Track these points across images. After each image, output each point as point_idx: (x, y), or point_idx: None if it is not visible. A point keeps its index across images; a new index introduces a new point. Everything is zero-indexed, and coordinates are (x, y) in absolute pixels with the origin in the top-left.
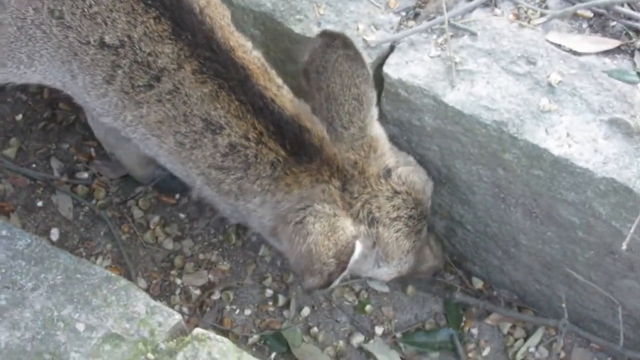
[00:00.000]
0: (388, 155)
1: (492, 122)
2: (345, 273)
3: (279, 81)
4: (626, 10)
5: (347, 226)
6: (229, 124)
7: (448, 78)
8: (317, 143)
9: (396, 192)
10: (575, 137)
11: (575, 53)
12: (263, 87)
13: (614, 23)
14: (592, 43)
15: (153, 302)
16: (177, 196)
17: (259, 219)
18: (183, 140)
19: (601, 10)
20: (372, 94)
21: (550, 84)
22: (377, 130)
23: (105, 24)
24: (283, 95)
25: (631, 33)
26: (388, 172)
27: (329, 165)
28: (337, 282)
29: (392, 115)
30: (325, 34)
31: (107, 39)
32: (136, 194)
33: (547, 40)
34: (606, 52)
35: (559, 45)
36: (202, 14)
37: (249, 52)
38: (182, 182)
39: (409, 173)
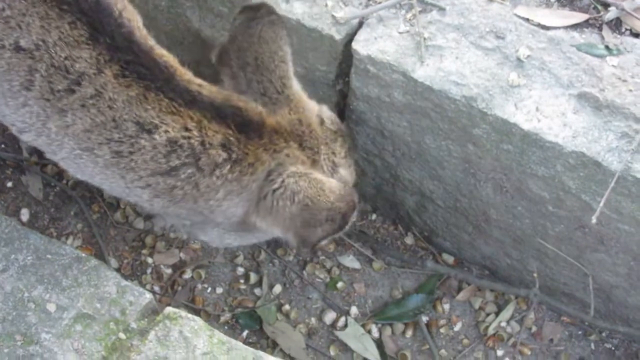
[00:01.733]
0: (310, 102)
1: (461, 97)
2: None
3: (199, 79)
4: None
5: (323, 175)
6: (164, 121)
7: (417, 54)
8: (258, 118)
9: (335, 133)
10: (545, 112)
11: (543, 27)
12: (187, 81)
13: None
14: (560, 17)
15: (124, 282)
16: None
17: (224, 213)
18: (119, 148)
19: None
20: (289, 50)
21: (519, 59)
22: (294, 81)
23: (20, 27)
24: (207, 86)
25: (599, 6)
26: (321, 118)
27: (279, 133)
28: (350, 223)
29: (362, 92)
30: (247, 9)
31: (22, 42)
32: None
33: (516, 15)
34: (574, 26)
35: (527, 20)
36: (121, 17)
37: (165, 52)
38: None
39: (324, 108)
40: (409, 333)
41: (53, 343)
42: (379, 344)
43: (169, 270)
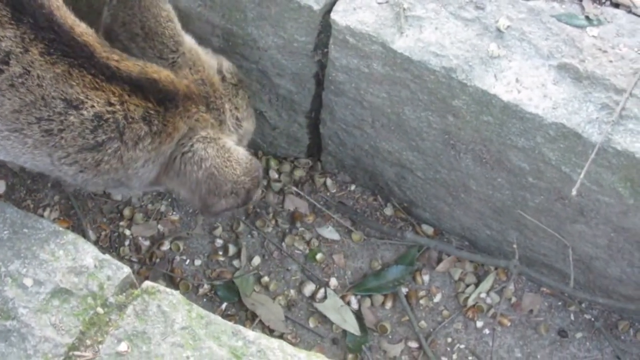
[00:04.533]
0: (207, 56)
1: (441, 68)
2: (260, 188)
3: (115, 50)
4: None
5: (234, 143)
6: (89, 97)
7: (396, 24)
8: (172, 87)
9: (236, 86)
10: (524, 83)
11: None
12: (106, 57)
13: None
14: None
15: (102, 256)
16: None
17: (139, 178)
18: (49, 126)
19: None
20: (170, 7)
21: (498, 29)
22: (187, 37)
23: None
24: (124, 59)
25: None
26: (220, 72)
27: (189, 98)
28: (255, 198)
29: (341, 62)
30: None
31: None
32: None
33: None
34: None
35: None
36: None
37: (84, 28)
38: None
39: (223, 61)
40: (389, 304)
41: (30, 318)
42: (359, 315)
43: (147, 243)
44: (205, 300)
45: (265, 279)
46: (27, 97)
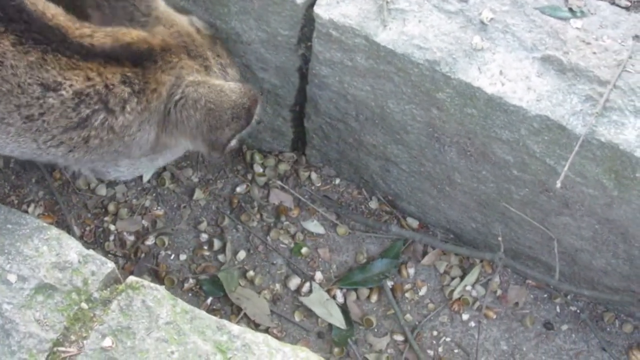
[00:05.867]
0: (179, 15)
1: (424, 61)
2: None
3: (85, 24)
4: None
5: (220, 80)
6: (66, 77)
7: (379, 17)
8: (145, 45)
9: (213, 37)
10: (508, 75)
11: None
12: (79, 37)
13: None
14: None
15: (86, 251)
16: None
17: (138, 144)
18: (29, 112)
19: None
20: None
21: (482, 22)
22: (159, 1)
23: None
24: (95, 32)
25: None
26: (196, 27)
27: (167, 50)
28: (256, 117)
29: (324, 56)
30: None
31: None
32: None
33: None
34: None
35: None
36: None
37: (54, 10)
38: None
39: (196, 19)
40: (374, 298)
41: (14, 314)
42: (344, 309)
43: (132, 238)
44: (190, 295)
45: (251, 273)
46: (3, 86)
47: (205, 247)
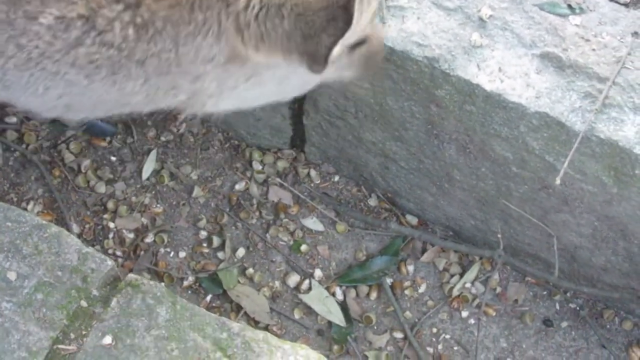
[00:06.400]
0: None
1: (423, 58)
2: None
3: None
4: None
5: None
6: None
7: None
8: None
9: None
10: (507, 72)
11: None
12: None
13: None
14: None
15: (85, 249)
16: (108, 139)
17: (200, 79)
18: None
19: None
20: None
21: (481, 19)
22: None
23: None
24: None
25: None
26: None
27: None
28: (358, 13)
29: None
30: None
31: None
32: (67, 137)
33: None
34: None
35: None
36: None
37: None
38: (112, 124)
39: None
40: (374, 295)
41: (14, 312)
42: (344, 306)
43: (132, 235)
44: (190, 292)
45: (250, 270)
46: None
47: (205, 245)
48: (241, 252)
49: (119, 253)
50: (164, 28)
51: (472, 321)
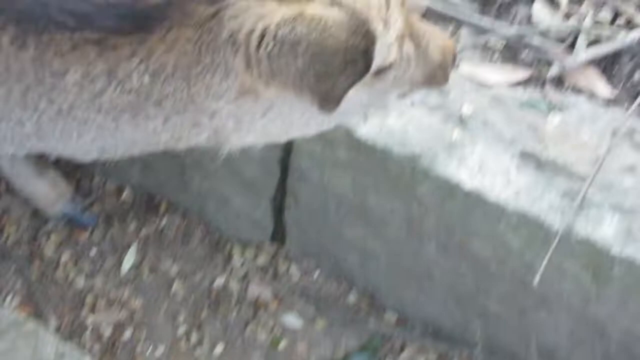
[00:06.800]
0: None
1: (404, 155)
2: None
3: None
4: (537, 40)
5: (319, 7)
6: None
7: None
8: None
9: None
10: (488, 170)
11: (486, 84)
12: None
13: (525, 53)
14: (503, 74)
15: (62, 346)
16: (89, 231)
17: (217, 116)
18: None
19: (512, 41)
20: None
21: (462, 116)
22: None
23: None
24: None
25: (542, 64)
26: None
27: None
28: (375, 53)
29: (305, 149)
30: None
31: None
32: (47, 229)
33: (459, 72)
34: (518, 83)
35: (470, 77)
36: None
37: None
38: (94, 216)
39: None
40: None
41: None
42: None
43: (110, 329)
44: None
45: None
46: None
47: (183, 340)
48: (219, 348)
49: (96, 348)
50: (174, 72)
51: None
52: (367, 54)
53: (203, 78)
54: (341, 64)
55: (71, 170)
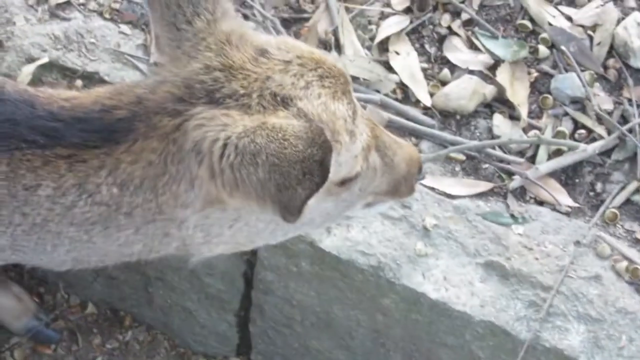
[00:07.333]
0: (253, 36)
1: (368, 267)
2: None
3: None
4: (498, 152)
5: (283, 117)
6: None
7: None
8: (131, 108)
9: (286, 62)
10: (452, 281)
11: (449, 196)
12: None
13: (486, 166)
14: (465, 186)
15: None
16: (53, 346)
17: (185, 226)
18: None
19: (473, 153)
20: None
21: (425, 228)
22: (232, 24)
23: None
24: (77, 99)
25: (503, 175)
26: (263, 51)
27: (180, 99)
28: (332, 168)
29: (269, 262)
30: None
31: None
32: (11, 344)
33: (421, 184)
34: (480, 195)
35: (433, 189)
36: None
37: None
38: (58, 331)
39: (287, 40)
40: None
41: None
42: None
43: None
44: None
45: None
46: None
47: None
48: None
49: None
50: (142, 182)
51: None
52: (322, 165)
53: (170, 188)
54: (299, 174)
55: (35, 285)
